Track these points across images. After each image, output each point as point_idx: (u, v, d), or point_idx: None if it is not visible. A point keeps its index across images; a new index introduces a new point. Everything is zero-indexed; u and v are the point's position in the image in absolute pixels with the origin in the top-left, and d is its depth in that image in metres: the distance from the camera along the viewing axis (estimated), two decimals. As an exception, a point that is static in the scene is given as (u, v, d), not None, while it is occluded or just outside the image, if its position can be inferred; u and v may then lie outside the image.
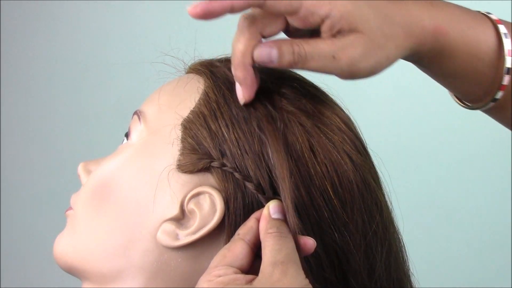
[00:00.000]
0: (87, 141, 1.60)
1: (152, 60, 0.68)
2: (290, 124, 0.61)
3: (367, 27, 0.58)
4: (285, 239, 0.56)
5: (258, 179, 0.59)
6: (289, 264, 0.55)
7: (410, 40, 0.61)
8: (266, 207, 0.58)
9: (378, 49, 0.59)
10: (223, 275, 0.54)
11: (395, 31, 0.60)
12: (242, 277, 0.54)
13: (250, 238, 0.57)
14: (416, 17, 0.61)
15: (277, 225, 0.57)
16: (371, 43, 0.59)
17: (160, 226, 0.61)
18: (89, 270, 0.64)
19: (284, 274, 0.54)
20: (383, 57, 0.60)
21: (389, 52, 0.60)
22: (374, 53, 0.59)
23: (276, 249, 0.55)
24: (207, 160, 0.60)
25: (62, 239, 0.66)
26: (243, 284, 0.54)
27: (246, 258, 0.57)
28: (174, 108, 0.63)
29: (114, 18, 1.62)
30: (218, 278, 0.54)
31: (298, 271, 0.55)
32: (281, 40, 0.59)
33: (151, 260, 0.61)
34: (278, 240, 0.56)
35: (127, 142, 0.66)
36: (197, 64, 0.67)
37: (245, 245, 0.57)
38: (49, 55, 1.64)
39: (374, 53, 0.59)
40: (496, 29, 0.64)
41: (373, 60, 0.59)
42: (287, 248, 0.56)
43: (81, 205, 0.65)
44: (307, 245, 0.57)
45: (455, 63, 0.63)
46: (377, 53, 0.59)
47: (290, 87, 0.63)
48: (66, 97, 1.64)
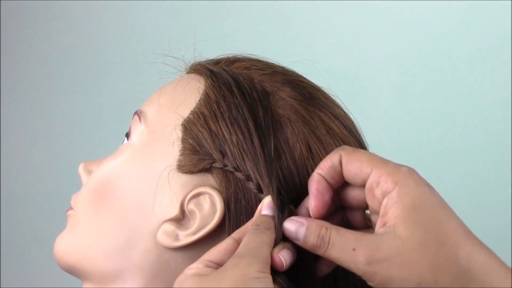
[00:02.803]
0: (88, 141, 1.60)
1: (152, 60, 0.68)
2: (290, 124, 0.61)
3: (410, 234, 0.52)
4: (258, 233, 0.55)
5: (258, 179, 0.59)
6: (245, 257, 0.53)
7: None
8: (261, 203, 0.58)
9: (409, 263, 0.52)
10: (194, 268, 0.54)
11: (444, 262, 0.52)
12: (206, 270, 0.53)
13: (240, 236, 0.57)
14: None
15: (258, 221, 0.56)
16: (402, 251, 0.52)
17: (160, 227, 0.61)
18: (89, 270, 0.64)
19: (233, 266, 0.52)
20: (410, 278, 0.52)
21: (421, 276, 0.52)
22: (400, 265, 0.52)
23: (244, 243, 0.55)
24: (208, 161, 0.60)
25: (62, 239, 0.66)
26: (204, 275, 0.53)
27: (229, 253, 0.55)
28: (175, 109, 0.63)
29: (114, 18, 1.62)
30: (187, 271, 0.54)
31: (251, 264, 0.53)
32: (313, 219, 0.56)
33: (151, 260, 0.61)
34: (250, 235, 0.55)
35: (127, 142, 0.66)
36: (198, 64, 0.67)
37: (232, 241, 0.56)
38: (49, 55, 1.64)
39: (400, 265, 0.52)
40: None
41: (396, 273, 0.52)
42: (254, 241, 0.54)
43: (81, 205, 0.65)
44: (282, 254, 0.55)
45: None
46: (403, 267, 0.52)
47: (291, 88, 0.63)
48: (66, 97, 1.63)
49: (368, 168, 0.55)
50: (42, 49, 1.65)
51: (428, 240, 0.52)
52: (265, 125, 0.60)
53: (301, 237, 0.55)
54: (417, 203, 0.53)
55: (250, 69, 0.65)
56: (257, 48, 0.70)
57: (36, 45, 1.66)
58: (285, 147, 0.60)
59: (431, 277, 0.52)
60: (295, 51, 1.44)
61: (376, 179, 0.55)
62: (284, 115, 0.62)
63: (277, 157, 0.60)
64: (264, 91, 0.63)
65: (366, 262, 0.53)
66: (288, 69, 0.67)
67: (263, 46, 1.41)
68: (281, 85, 0.64)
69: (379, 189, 0.55)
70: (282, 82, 0.64)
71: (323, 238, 0.54)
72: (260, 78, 0.64)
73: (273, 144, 0.60)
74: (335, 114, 0.64)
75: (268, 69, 0.65)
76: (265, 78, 0.64)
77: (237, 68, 0.65)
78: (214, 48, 0.69)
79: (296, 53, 1.42)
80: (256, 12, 1.51)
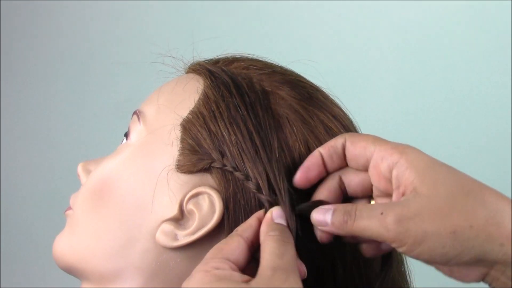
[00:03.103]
0: (87, 141, 1.60)
1: (151, 60, 0.68)
2: (289, 124, 0.61)
3: (433, 191, 0.54)
4: (287, 245, 0.55)
5: (257, 179, 0.59)
6: (290, 272, 0.53)
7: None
8: (269, 212, 0.58)
9: (440, 214, 0.53)
10: (221, 269, 0.53)
11: (474, 208, 0.53)
12: (238, 276, 0.53)
13: (248, 235, 0.56)
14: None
15: (279, 229, 0.56)
16: (430, 205, 0.53)
17: (159, 226, 0.61)
18: (88, 270, 0.64)
19: (283, 282, 0.52)
20: (444, 228, 0.53)
21: (455, 223, 0.53)
22: (432, 217, 0.53)
23: (277, 253, 0.54)
24: (207, 161, 0.60)
25: (61, 239, 0.66)
26: (239, 282, 0.52)
27: (242, 254, 0.55)
28: (173, 108, 0.63)
29: (113, 18, 1.62)
30: (215, 271, 0.53)
31: (297, 281, 0.53)
32: (337, 204, 0.57)
33: (150, 260, 0.61)
34: (280, 245, 0.55)
35: (126, 142, 0.66)
36: (197, 64, 0.67)
37: (242, 241, 0.56)
38: (49, 54, 1.64)
39: (432, 217, 0.53)
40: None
41: (429, 225, 0.53)
42: (289, 254, 0.54)
43: (80, 205, 0.65)
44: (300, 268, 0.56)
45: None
46: (435, 219, 0.53)
47: (290, 88, 0.63)
48: (66, 97, 1.64)
49: (372, 147, 0.57)
50: (42, 48, 1.65)
51: (454, 191, 0.54)
52: (265, 124, 0.60)
53: (329, 220, 0.56)
54: (429, 164, 0.55)
55: (249, 69, 0.65)
56: (256, 48, 0.70)
57: (36, 44, 1.66)
58: (284, 147, 0.60)
59: (464, 223, 0.53)
60: (294, 51, 1.44)
61: (381, 154, 0.56)
62: (283, 115, 0.62)
63: (277, 157, 0.60)
64: (263, 90, 0.63)
65: (396, 220, 0.53)
66: (287, 69, 0.67)
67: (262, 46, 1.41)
68: (280, 84, 0.64)
69: (385, 162, 0.56)
70: (281, 81, 0.64)
71: (349, 212, 0.55)
72: (259, 77, 0.64)
73: (276, 145, 0.60)
74: (334, 113, 0.64)
75: (267, 69, 0.65)
76: (264, 77, 0.64)
77: (236, 68, 0.65)
78: (213, 48, 0.69)
79: (295, 53, 1.42)
80: (255, 12, 1.51)
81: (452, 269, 0.55)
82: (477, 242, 0.53)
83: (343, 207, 0.56)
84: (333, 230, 0.56)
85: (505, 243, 0.53)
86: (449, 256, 0.53)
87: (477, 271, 0.55)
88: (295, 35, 1.49)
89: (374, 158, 0.57)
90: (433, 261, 0.54)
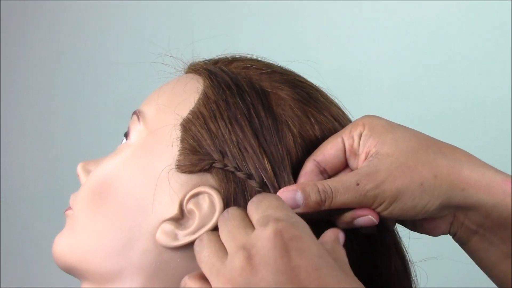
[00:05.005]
0: (87, 141, 1.60)
1: (151, 60, 0.68)
2: (288, 124, 0.61)
3: (396, 149, 0.58)
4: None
5: (261, 177, 0.59)
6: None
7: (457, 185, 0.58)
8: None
9: (407, 169, 0.57)
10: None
11: (435, 160, 0.58)
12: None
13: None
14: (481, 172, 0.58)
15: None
16: (397, 162, 0.57)
17: (159, 226, 0.61)
18: (88, 270, 0.64)
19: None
20: (413, 181, 0.57)
21: (421, 176, 0.57)
22: (401, 174, 0.57)
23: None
24: (208, 161, 0.60)
25: (61, 239, 0.66)
26: None
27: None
28: (174, 108, 0.63)
29: (113, 18, 1.62)
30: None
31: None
32: (304, 182, 0.58)
33: (150, 260, 0.61)
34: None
35: (126, 142, 0.66)
36: (196, 64, 0.67)
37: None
38: (49, 55, 1.64)
39: (401, 173, 0.57)
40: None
41: (400, 182, 0.57)
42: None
43: (80, 205, 0.65)
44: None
45: None
46: (403, 175, 0.57)
47: (289, 88, 0.63)
48: (65, 97, 1.63)
49: (339, 137, 0.60)
50: (41, 49, 1.65)
51: (414, 146, 0.58)
52: (265, 124, 0.60)
53: (300, 201, 0.57)
54: (387, 127, 0.59)
55: (248, 69, 0.65)
56: (255, 48, 0.70)
57: (36, 45, 1.66)
58: (284, 146, 0.61)
59: (429, 174, 0.57)
60: (294, 51, 1.44)
61: (349, 134, 0.60)
62: (283, 115, 0.62)
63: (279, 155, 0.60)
64: (262, 90, 0.63)
65: (375, 186, 0.56)
66: (287, 68, 0.67)
67: (262, 46, 1.41)
68: (279, 84, 0.64)
69: (355, 135, 0.59)
70: (281, 81, 0.64)
71: (325, 190, 0.57)
72: (259, 77, 0.64)
73: (277, 143, 0.60)
74: (333, 114, 0.64)
75: (266, 69, 0.65)
76: (264, 77, 0.64)
77: (236, 67, 0.65)
78: (212, 48, 0.69)
79: (295, 53, 1.42)
80: (254, 12, 1.51)
81: (421, 223, 0.60)
82: (441, 190, 0.57)
83: (310, 186, 0.57)
84: (306, 210, 0.57)
85: (466, 188, 0.57)
86: (419, 208, 0.57)
87: (443, 222, 0.59)
88: (295, 35, 1.49)
89: (347, 142, 0.60)
90: (404, 215, 0.57)
